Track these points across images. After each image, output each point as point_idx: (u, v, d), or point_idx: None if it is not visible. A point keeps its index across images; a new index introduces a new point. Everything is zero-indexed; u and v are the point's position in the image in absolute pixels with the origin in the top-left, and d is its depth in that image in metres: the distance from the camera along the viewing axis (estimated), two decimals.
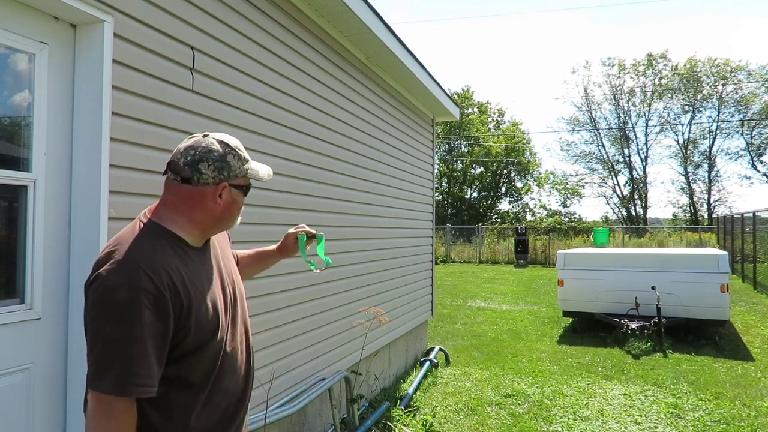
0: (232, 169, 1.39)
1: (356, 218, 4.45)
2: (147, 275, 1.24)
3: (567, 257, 8.09)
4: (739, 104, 32.51)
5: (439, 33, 68.85)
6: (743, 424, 4.42)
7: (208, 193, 1.38)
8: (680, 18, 56.89)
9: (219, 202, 1.40)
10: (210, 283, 1.43)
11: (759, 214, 13.91)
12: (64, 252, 2.09)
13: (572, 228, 25.25)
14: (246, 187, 1.46)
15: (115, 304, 1.21)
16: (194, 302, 1.33)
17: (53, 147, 2.04)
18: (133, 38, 2.21)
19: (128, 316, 1.20)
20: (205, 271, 1.44)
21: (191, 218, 1.39)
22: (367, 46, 4.38)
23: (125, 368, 1.20)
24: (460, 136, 37.93)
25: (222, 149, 1.39)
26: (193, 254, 1.41)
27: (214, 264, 1.50)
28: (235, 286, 1.55)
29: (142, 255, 1.27)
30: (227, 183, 1.39)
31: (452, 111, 6.73)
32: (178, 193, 1.38)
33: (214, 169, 1.37)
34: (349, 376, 3.96)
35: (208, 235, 1.47)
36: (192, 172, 1.36)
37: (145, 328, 1.22)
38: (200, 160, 1.36)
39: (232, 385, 1.46)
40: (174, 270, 1.30)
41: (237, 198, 1.44)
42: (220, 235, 1.62)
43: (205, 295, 1.38)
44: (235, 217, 1.48)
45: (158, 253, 1.30)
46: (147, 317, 1.22)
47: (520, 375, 5.86)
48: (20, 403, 1.94)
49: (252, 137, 3.02)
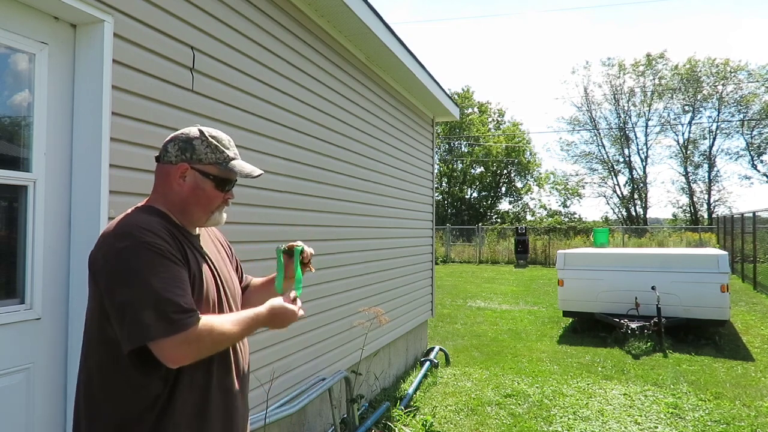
0: (195, 152, 1.42)
1: (356, 218, 4.45)
2: (148, 231, 1.31)
3: (567, 257, 8.09)
4: (739, 104, 32.50)
5: (439, 33, 68.89)
6: (743, 424, 4.42)
7: (172, 172, 1.44)
8: (680, 18, 56.93)
9: (182, 183, 1.43)
10: (208, 262, 1.48)
11: (759, 214, 13.91)
12: (64, 252, 2.09)
13: (572, 228, 25.26)
14: (216, 177, 1.44)
15: (129, 263, 1.26)
16: (193, 266, 1.39)
17: (53, 147, 2.04)
18: (133, 38, 2.21)
19: (145, 266, 1.26)
20: (201, 250, 1.49)
21: (166, 197, 1.45)
22: (367, 46, 4.38)
23: (171, 305, 1.24)
24: (460, 136, 37.93)
25: (195, 135, 1.45)
26: (186, 232, 1.46)
27: (207, 251, 1.53)
28: (226, 283, 1.55)
29: (138, 221, 1.35)
30: (188, 165, 1.42)
31: (452, 111, 6.73)
32: (156, 172, 1.48)
33: (178, 150, 1.43)
34: (349, 376, 3.96)
35: (185, 220, 1.47)
36: (162, 150, 1.46)
37: (164, 270, 1.27)
38: (171, 140, 1.46)
39: (228, 381, 1.46)
40: (169, 232, 1.37)
41: (202, 185, 1.43)
42: (221, 237, 1.68)
43: (202, 267, 1.44)
44: (207, 209, 1.46)
45: (152, 221, 1.36)
46: (160, 262, 1.28)
47: (520, 375, 5.86)
48: (20, 403, 1.94)
49: (252, 137, 3.02)
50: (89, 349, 1.38)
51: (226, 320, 1.37)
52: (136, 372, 1.31)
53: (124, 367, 1.31)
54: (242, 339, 1.45)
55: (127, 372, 1.31)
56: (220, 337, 1.32)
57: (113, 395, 1.32)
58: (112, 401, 1.32)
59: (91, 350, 1.37)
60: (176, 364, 1.28)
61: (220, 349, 1.37)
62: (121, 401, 1.32)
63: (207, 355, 1.34)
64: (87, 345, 1.40)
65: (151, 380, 1.32)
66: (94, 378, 1.36)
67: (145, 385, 1.31)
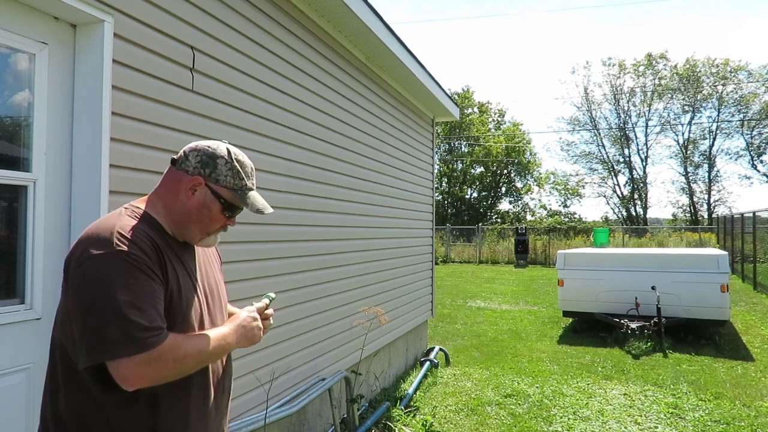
0: (216, 171, 1.37)
1: (356, 218, 4.45)
2: (127, 240, 1.23)
3: (567, 257, 8.09)
4: (739, 104, 32.51)
5: (438, 33, 68.89)
6: (743, 424, 4.42)
7: (183, 181, 1.37)
8: (680, 18, 56.92)
9: (190, 196, 1.37)
10: (189, 277, 1.40)
11: (759, 214, 13.90)
12: (64, 252, 2.08)
13: (572, 228, 25.26)
14: (227, 202, 1.39)
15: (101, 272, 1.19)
16: (171, 280, 1.31)
17: (53, 147, 2.04)
18: (133, 38, 2.21)
19: (116, 278, 1.19)
20: (186, 262, 1.41)
21: (166, 204, 1.39)
22: (366, 46, 4.38)
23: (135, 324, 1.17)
24: (460, 136, 37.93)
25: (221, 153, 1.39)
26: (173, 242, 1.39)
27: (199, 262, 1.47)
28: (211, 295, 1.49)
29: (121, 226, 1.27)
30: (203, 180, 1.36)
31: (452, 111, 6.73)
32: (166, 174, 1.42)
33: (198, 162, 1.37)
34: (349, 376, 3.96)
35: (178, 232, 1.40)
36: (181, 156, 1.40)
37: (135, 282, 1.20)
38: (194, 150, 1.40)
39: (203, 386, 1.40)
40: (151, 242, 1.29)
41: (210, 205, 1.38)
42: (210, 252, 1.59)
43: (182, 281, 1.35)
44: (204, 227, 1.40)
45: (136, 228, 1.29)
46: (137, 274, 1.21)
47: (520, 375, 5.86)
48: (20, 403, 1.94)
49: (252, 137, 3.02)
50: (53, 359, 1.29)
51: (197, 341, 1.28)
52: (97, 390, 1.23)
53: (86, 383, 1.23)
54: (215, 355, 1.34)
55: (91, 389, 1.23)
56: (185, 359, 1.23)
57: (79, 416, 1.25)
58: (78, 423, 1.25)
59: (55, 362, 1.29)
60: (132, 387, 1.18)
61: (186, 369, 1.26)
62: (86, 424, 1.24)
63: (169, 380, 1.24)
64: (51, 355, 1.30)
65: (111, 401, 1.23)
66: (60, 393, 1.27)
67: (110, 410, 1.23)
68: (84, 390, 1.24)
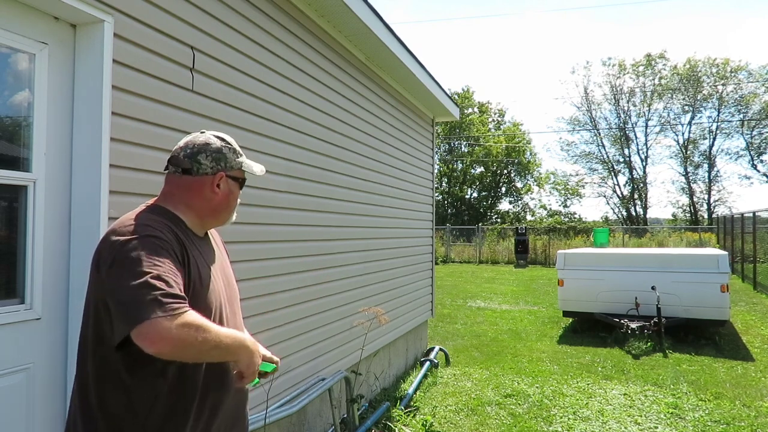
0: (228, 161, 1.51)
1: (356, 218, 4.45)
2: (151, 227, 1.33)
3: (567, 257, 8.09)
4: (739, 104, 32.51)
5: (438, 33, 68.88)
6: (743, 424, 4.42)
7: (207, 183, 1.48)
8: (680, 18, 56.92)
9: (217, 191, 1.49)
10: (208, 267, 1.48)
11: (759, 214, 13.90)
12: (64, 252, 2.09)
13: (572, 228, 25.26)
14: (242, 180, 1.56)
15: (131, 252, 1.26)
16: (193, 268, 1.39)
17: (53, 147, 2.04)
18: (133, 38, 2.21)
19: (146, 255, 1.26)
20: (205, 254, 1.50)
21: (190, 205, 1.48)
22: (367, 46, 4.38)
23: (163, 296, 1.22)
24: (460, 136, 37.93)
25: (219, 143, 1.51)
26: (192, 236, 1.47)
27: (216, 255, 1.56)
28: (230, 285, 1.60)
29: (143, 219, 1.37)
30: (224, 173, 1.50)
31: (452, 111, 6.72)
32: (179, 185, 1.48)
33: (212, 160, 1.48)
34: (349, 376, 3.96)
35: (205, 226, 1.54)
36: (192, 163, 1.47)
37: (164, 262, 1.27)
38: (199, 152, 1.47)
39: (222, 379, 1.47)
40: (173, 233, 1.38)
41: (233, 189, 1.54)
42: (218, 239, 1.69)
43: (203, 270, 1.44)
44: (232, 210, 1.56)
45: (158, 220, 1.39)
46: (162, 254, 1.29)
47: (520, 375, 5.86)
48: (20, 403, 1.94)
49: (252, 137, 3.02)
50: (84, 351, 1.37)
51: (217, 327, 1.32)
52: (129, 376, 1.31)
53: (117, 371, 1.31)
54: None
55: (121, 376, 1.31)
56: (206, 335, 1.25)
57: (109, 406, 1.32)
58: (108, 414, 1.32)
59: (86, 353, 1.36)
60: (157, 349, 1.18)
61: (203, 350, 1.25)
62: (116, 413, 1.32)
63: (189, 356, 1.26)
64: (82, 345, 1.38)
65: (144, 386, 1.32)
66: (91, 385, 1.34)
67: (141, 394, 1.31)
68: (113, 380, 1.32)
